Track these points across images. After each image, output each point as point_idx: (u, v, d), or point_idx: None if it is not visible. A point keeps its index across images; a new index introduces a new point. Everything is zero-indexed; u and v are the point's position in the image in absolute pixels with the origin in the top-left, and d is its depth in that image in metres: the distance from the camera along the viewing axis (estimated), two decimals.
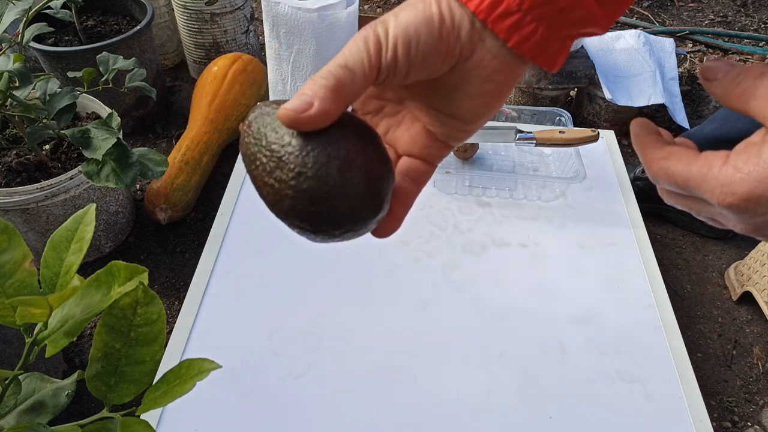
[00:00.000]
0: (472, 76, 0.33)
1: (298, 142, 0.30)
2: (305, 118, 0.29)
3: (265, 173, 0.30)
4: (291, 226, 0.32)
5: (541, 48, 0.32)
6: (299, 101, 0.29)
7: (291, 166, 0.30)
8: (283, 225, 0.34)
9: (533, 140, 0.95)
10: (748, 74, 0.31)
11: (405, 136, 0.37)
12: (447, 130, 0.36)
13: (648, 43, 1.61)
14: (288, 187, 0.30)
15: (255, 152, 0.31)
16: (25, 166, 1.03)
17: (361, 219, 0.31)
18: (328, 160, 0.29)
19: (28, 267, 0.40)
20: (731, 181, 0.30)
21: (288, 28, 0.92)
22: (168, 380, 0.41)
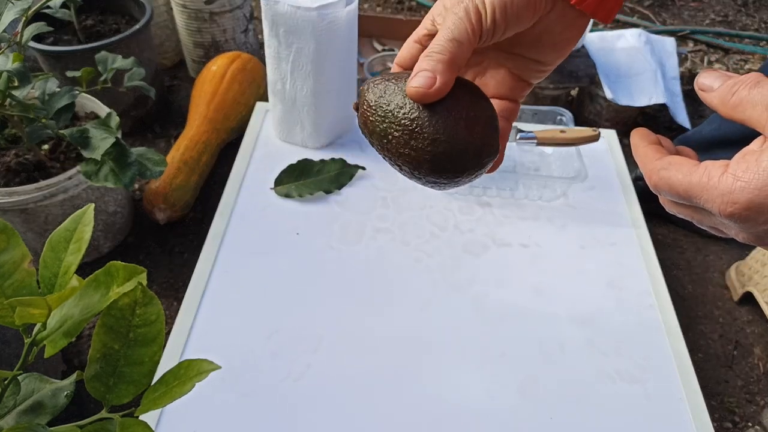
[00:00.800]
0: (555, 26, 0.38)
1: (426, 113, 0.35)
2: (433, 92, 0.34)
3: (400, 145, 0.35)
4: (427, 182, 0.37)
5: (599, 4, 0.36)
6: (424, 79, 0.34)
7: (425, 134, 0.34)
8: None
9: (534, 140, 0.95)
10: (743, 83, 0.32)
11: (492, 81, 0.42)
12: (529, 71, 0.41)
13: (649, 43, 1.60)
14: (426, 152, 0.35)
15: (385, 128, 0.36)
16: (24, 166, 1.03)
17: (485, 164, 0.36)
18: (456, 123, 0.34)
19: (26, 267, 0.40)
20: (731, 190, 0.30)
21: (287, 27, 0.91)
22: (167, 381, 0.40)
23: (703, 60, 1.91)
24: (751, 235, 0.32)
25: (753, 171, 0.30)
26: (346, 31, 0.95)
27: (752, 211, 0.30)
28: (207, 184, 1.36)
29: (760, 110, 0.30)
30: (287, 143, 1.07)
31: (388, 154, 0.37)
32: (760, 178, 0.29)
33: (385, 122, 0.36)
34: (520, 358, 0.78)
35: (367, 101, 0.37)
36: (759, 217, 0.30)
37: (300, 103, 1.00)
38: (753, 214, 0.30)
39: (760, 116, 0.30)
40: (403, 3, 2.11)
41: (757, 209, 0.30)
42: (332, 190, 0.97)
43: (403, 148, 0.35)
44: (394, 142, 0.35)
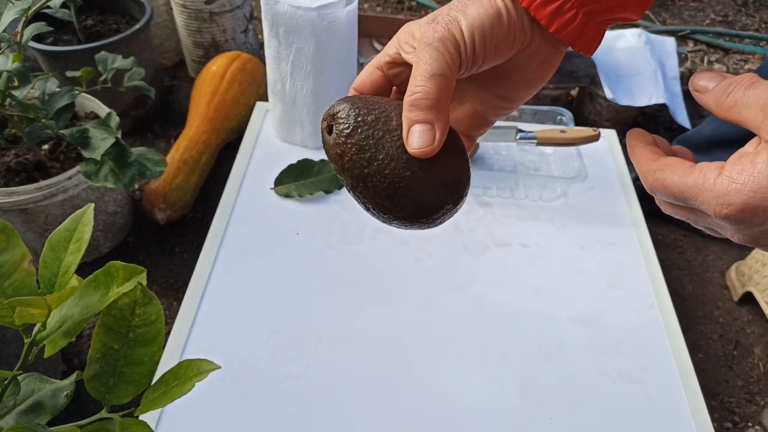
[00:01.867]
0: (531, 61, 0.36)
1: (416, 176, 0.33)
2: (436, 147, 0.32)
3: (378, 196, 0.33)
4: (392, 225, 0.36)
5: (580, 33, 0.35)
6: (424, 137, 0.32)
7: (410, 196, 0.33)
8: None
9: (534, 140, 0.95)
10: (738, 84, 0.31)
11: (451, 117, 0.39)
12: (492, 108, 0.40)
13: (649, 43, 1.60)
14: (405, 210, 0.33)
15: (367, 173, 0.33)
16: (24, 165, 1.03)
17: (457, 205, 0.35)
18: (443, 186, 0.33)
19: (26, 267, 0.40)
20: (726, 192, 0.30)
21: (287, 27, 0.91)
22: (167, 381, 0.40)
23: (703, 60, 1.91)
24: (747, 236, 0.32)
25: (748, 173, 0.30)
26: (346, 31, 0.95)
27: (747, 213, 0.30)
28: (207, 184, 1.36)
29: (755, 111, 0.30)
30: (287, 143, 1.07)
31: (360, 197, 0.34)
32: (755, 180, 0.29)
33: (371, 168, 0.33)
34: (520, 357, 0.78)
35: (350, 137, 0.33)
36: (754, 218, 0.30)
37: (300, 103, 1.00)
38: (748, 216, 0.30)
39: (755, 117, 0.30)
40: (403, 3, 2.11)
41: (752, 211, 0.29)
42: (332, 190, 0.97)
43: (383, 200, 0.33)
44: (373, 190, 0.33)
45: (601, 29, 0.36)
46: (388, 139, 0.33)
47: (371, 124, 0.33)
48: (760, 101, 0.30)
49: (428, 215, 0.34)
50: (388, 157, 0.33)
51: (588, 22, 0.34)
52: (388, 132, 0.33)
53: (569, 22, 0.34)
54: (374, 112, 0.34)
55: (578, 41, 0.35)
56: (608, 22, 0.36)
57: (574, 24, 0.34)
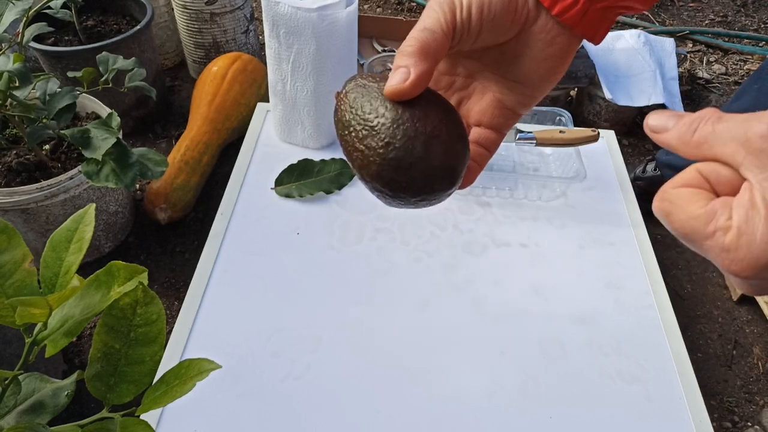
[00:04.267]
0: (537, 41, 0.36)
1: (391, 114, 0.34)
2: (407, 86, 0.33)
3: (357, 140, 0.34)
4: (372, 189, 0.35)
5: (581, 18, 0.35)
6: (398, 76, 0.33)
7: (381, 136, 0.33)
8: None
9: (533, 140, 0.95)
10: (704, 120, 0.29)
11: (476, 108, 0.40)
12: (515, 97, 0.39)
13: (648, 43, 1.60)
14: (376, 155, 0.34)
15: (349, 119, 0.35)
16: (25, 166, 1.03)
17: (436, 191, 0.35)
18: (415, 135, 0.33)
19: (27, 267, 0.40)
20: (737, 246, 0.28)
21: (288, 28, 0.92)
22: (168, 380, 0.41)
23: (702, 60, 1.91)
24: (753, 288, 0.30)
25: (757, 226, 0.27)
26: (346, 32, 0.95)
27: (758, 269, 0.28)
28: (208, 184, 1.36)
29: (733, 147, 0.28)
30: (288, 143, 1.08)
31: (344, 146, 0.36)
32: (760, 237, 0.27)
33: (351, 113, 0.35)
34: (520, 357, 0.78)
35: (345, 89, 0.36)
36: (762, 273, 0.28)
37: (300, 103, 1.01)
38: (759, 272, 0.28)
39: (734, 153, 0.28)
40: (403, 4, 2.11)
41: (763, 267, 0.28)
42: (332, 190, 0.98)
43: (359, 143, 0.34)
44: (353, 134, 0.35)
45: (605, 17, 0.36)
46: (375, 92, 0.35)
47: (365, 84, 0.36)
48: (737, 136, 0.28)
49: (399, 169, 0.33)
50: (368, 101, 0.35)
51: (589, 7, 0.35)
52: (377, 89, 0.35)
53: (571, 6, 0.34)
54: (375, 78, 0.36)
55: (579, 26, 0.35)
56: (612, 10, 0.36)
57: (575, 8, 0.35)
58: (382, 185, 0.34)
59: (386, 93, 0.33)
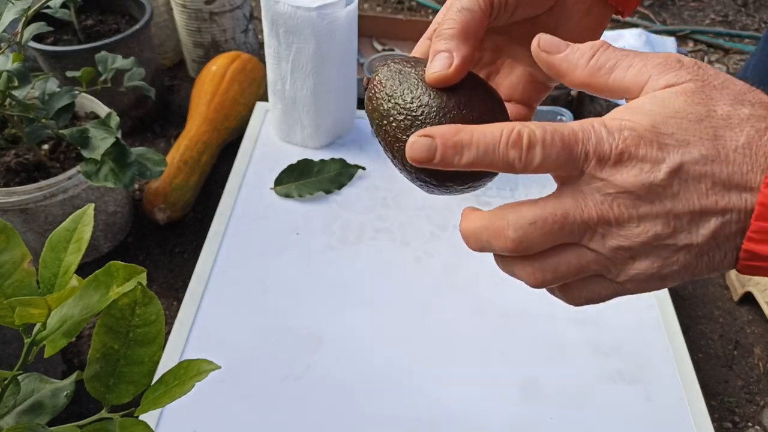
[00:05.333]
0: (574, 12, 0.35)
1: (436, 103, 0.32)
2: (452, 72, 0.31)
3: (399, 130, 0.33)
4: (415, 179, 0.34)
5: None
6: (441, 61, 0.31)
7: (427, 125, 0.31)
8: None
9: None
10: (603, 47, 0.29)
11: (505, 83, 0.39)
12: None
13: (649, 43, 1.60)
14: None
15: (388, 109, 0.33)
16: (24, 166, 1.03)
17: (483, 177, 0.34)
18: (463, 123, 0.31)
19: (26, 267, 0.40)
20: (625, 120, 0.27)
21: (287, 27, 0.91)
22: (167, 381, 0.40)
23: (703, 60, 1.91)
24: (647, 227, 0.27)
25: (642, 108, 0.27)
26: (346, 31, 0.95)
27: (642, 148, 0.26)
28: (207, 184, 1.36)
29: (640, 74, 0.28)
30: (287, 143, 1.07)
31: (384, 137, 0.34)
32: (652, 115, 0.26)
33: (391, 102, 0.33)
34: (521, 358, 0.78)
35: (379, 77, 0.35)
36: (648, 159, 0.26)
37: (300, 103, 1.00)
38: (642, 154, 0.26)
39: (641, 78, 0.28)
40: (403, 3, 2.11)
41: (647, 147, 0.26)
42: (332, 190, 0.97)
43: (402, 133, 0.33)
44: (394, 125, 0.33)
45: None
46: (414, 78, 0.33)
47: (400, 70, 0.34)
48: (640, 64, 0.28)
49: None
50: (408, 89, 0.33)
51: None
52: (416, 74, 0.34)
53: None
54: (410, 62, 0.34)
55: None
56: None
57: None
58: (428, 175, 0.33)
59: (429, 80, 0.32)
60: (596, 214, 0.28)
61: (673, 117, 0.26)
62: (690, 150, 0.26)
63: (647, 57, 0.28)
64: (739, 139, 0.25)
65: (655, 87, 0.27)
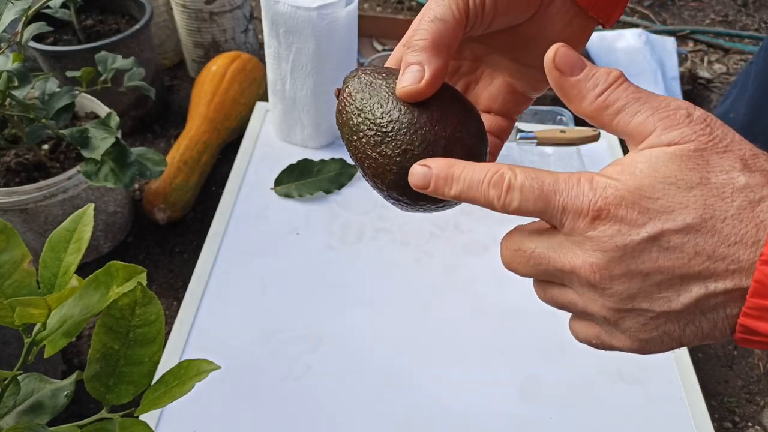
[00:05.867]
0: (554, 22, 0.34)
1: (406, 118, 0.31)
2: (423, 86, 0.30)
3: (369, 146, 0.32)
4: (388, 197, 0.33)
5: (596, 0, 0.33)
6: (412, 75, 0.30)
7: (398, 143, 0.31)
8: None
9: (534, 140, 0.95)
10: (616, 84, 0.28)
11: (484, 93, 0.38)
12: (527, 81, 0.37)
13: (649, 43, 1.60)
14: (393, 163, 0.31)
15: (358, 124, 0.32)
16: (24, 166, 1.03)
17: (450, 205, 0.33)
18: (435, 139, 0.30)
19: (26, 267, 0.40)
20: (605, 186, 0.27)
21: (287, 27, 0.91)
22: (167, 381, 0.40)
23: (703, 60, 1.91)
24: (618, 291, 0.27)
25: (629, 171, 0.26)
26: (346, 31, 0.95)
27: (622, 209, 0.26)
28: (207, 184, 1.36)
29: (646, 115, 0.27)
30: (287, 143, 1.07)
31: (354, 153, 0.33)
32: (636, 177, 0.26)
33: (360, 116, 0.32)
34: (521, 358, 0.78)
35: (349, 89, 0.33)
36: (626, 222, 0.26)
37: (300, 103, 1.00)
38: (621, 215, 0.26)
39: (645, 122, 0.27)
40: (403, 3, 2.11)
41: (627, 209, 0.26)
42: (332, 190, 0.97)
43: (372, 150, 0.31)
44: (364, 141, 0.32)
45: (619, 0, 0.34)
46: (384, 92, 0.32)
47: (371, 82, 0.33)
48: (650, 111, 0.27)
49: None
50: (378, 103, 0.32)
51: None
52: (387, 87, 0.32)
53: None
54: (381, 74, 0.33)
55: (594, 7, 0.34)
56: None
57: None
58: (400, 194, 0.32)
59: (399, 94, 0.31)
60: (569, 266, 0.28)
61: (662, 182, 0.26)
62: (674, 217, 0.25)
63: (658, 105, 0.27)
64: (728, 210, 0.25)
65: (657, 143, 0.27)
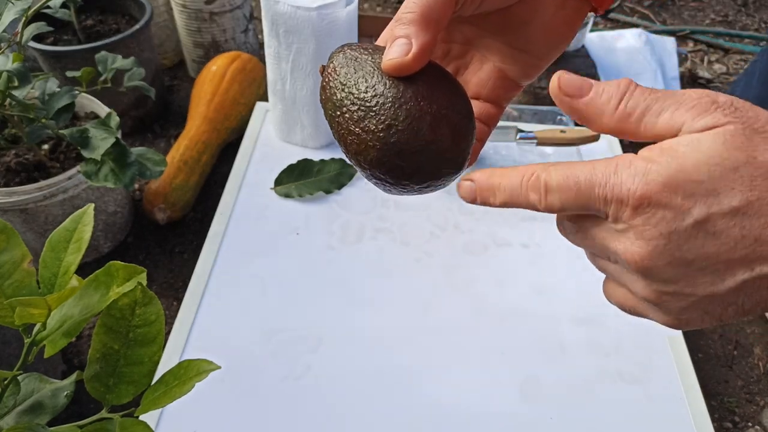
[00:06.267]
0: (548, 4, 0.33)
1: (391, 93, 0.30)
2: (409, 60, 0.29)
3: (351, 122, 0.30)
4: (370, 176, 0.32)
5: None
6: (398, 48, 0.29)
7: (382, 118, 0.29)
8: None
9: (534, 140, 0.95)
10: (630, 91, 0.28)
11: (474, 79, 0.37)
12: (518, 67, 0.36)
13: (649, 43, 1.60)
14: (376, 139, 0.30)
15: (341, 98, 0.31)
16: (24, 166, 1.03)
17: (443, 176, 0.31)
18: (421, 115, 0.29)
19: (26, 267, 0.40)
20: (646, 170, 0.26)
21: (287, 27, 0.91)
22: (167, 381, 0.40)
23: (703, 60, 1.91)
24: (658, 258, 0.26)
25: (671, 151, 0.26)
26: (346, 31, 0.95)
27: (669, 190, 0.25)
28: (207, 184, 1.36)
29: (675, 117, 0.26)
30: (287, 143, 1.07)
31: (338, 130, 0.31)
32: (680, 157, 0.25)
33: (344, 91, 0.31)
34: (521, 358, 0.78)
35: (333, 65, 0.32)
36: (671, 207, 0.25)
37: (300, 103, 1.00)
38: (666, 197, 0.25)
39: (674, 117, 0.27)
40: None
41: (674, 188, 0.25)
42: (332, 190, 0.97)
43: (355, 125, 0.30)
44: (347, 116, 0.31)
45: None
46: (370, 66, 0.31)
47: (356, 57, 0.32)
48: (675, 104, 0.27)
49: (402, 154, 0.30)
50: (363, 77, 0.31)
51: None
52: (372, 62, 0.31)
53: None
54: (367, 50, 0.32)
55: None
56: None
57: None
58: (383, 172, 0.31)
59: (385, 68, 0.30)
60: (613, 249, 0.29)
61: (706, 163, 0.25)
62: (720, 200, 0.25)
63: (680, 99, 0.27)
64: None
65: (692, 131, 0.26)
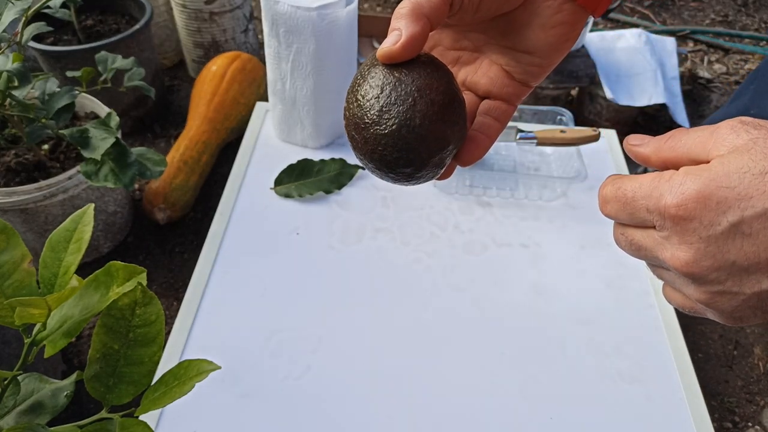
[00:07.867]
0: (546, 8, 0.35)
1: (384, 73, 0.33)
2: (397, 49, 0.32)
3: (352, 115, 0.34)
4: (373, 169, 0.35)
5: None
6: (389, 39, 0.33)
7: (376, 106, 0.33)
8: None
9: (534, 140, 0.95)
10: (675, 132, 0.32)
11: (484, 79, 0.39)
12: (524, 68, 0.38)
13: (649, 43, 1.60)
14: (369, 127, 0.33)
15: (348, 96, 0.35)
16: (24, 165, 1.03)
17: (430, 165, 0.34)
18: (413, 103, 0.32)
19: (26, 267, 0.40)
20: (682, 181, 0.29)
21: (287, 27, 0.91)
22: (167, 381, 0.40)
23: (703, 60, 1.91)
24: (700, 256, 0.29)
25: (704, 168, 0.29)
26: (346, 31, 0.95)
27: (700, 201, 0.28)
28: (207, 184, 1.36)
29: (703, 136, 0.30)
30: (287, 143, 1.07)
31: (345, 125, 0.36)
32: (712, 170, 0.28)
33: (351, 90, 0.35)
34: (520, 358, 0.78)
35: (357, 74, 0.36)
36: (706, 210, 0.28)
37: (300, 103, 1.00)
38: (700, 208, 0.28)
39: (704, 141, 0.30)
40: None
41: (706, 200, 0.28)
42: (332, 190, 0.97)
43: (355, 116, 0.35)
44: (350, 111, 0.35)
45: None
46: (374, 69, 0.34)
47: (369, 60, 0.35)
48: (706, 130, 0.30)
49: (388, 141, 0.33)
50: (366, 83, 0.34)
51: None
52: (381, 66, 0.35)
53: None
54: None
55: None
56: None
57: None
58: (377, 160, 0.34)
59: (378, 55, 0.33)
60: (661, 257, 0.31)
61: (736, 171, 0.27)
62: (753, 203, 0.27)
63: (715, 127, 0.30)
64: None
65: (720, 150, 0.29)
